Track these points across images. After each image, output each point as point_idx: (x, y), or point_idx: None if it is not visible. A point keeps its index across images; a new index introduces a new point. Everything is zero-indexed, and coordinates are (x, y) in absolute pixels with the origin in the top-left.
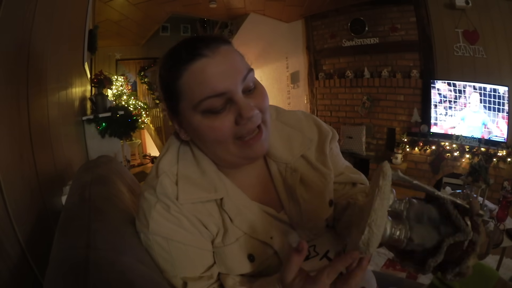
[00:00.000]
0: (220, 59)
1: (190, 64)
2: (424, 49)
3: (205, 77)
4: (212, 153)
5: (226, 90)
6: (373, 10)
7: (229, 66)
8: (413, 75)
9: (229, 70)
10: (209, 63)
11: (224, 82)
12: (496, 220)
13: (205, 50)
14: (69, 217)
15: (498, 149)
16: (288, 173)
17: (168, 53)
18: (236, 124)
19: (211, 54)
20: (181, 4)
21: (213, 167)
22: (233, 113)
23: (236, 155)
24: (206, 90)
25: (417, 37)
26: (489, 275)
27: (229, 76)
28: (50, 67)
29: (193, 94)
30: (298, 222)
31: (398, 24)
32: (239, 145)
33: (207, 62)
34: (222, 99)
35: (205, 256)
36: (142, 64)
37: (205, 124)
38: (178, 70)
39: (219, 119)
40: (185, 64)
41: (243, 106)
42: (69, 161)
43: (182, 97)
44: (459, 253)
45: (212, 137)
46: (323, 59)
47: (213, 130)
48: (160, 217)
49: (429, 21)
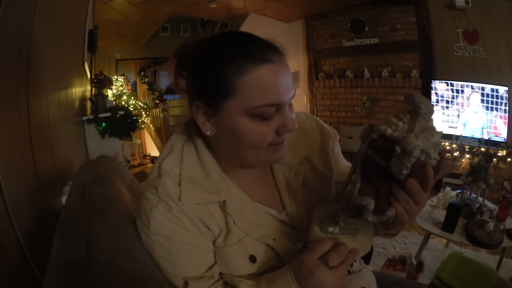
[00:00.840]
0: (283, 70)
1: (259, 65)
2: (424, 49)
3: (271, 85)
4: (235, 155)
5: (283, 102)
6: (373, 10)
7: (288, 79)
8: (413, 75)
9: (288, 83)
10: (276, 71)
11: (286, 93)
12: (496, 220)
13: (273, 56)
14: (69, 217)
15: (498, 149)
16: (292, 175)
17: (225, 39)
18: (277, 133)
19: (278, 62)
20: (181, 4)
21: (216, 168)
22: (277, 122)
23: (262, 159)
24: (269, 98)
25: (417, 37)
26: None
27: (288, 89)
28: (50, 67)
29: (252, 97)
30: (299, 223)
31: (398, 24)
32: (269, 151)
33: (275, 69)
34: (274, 109)
35: (206, 256)
36: (142, 64)
37: (250, 128)
38: (241, 67)
39: (265, 125)
40: (253, 63)
41: (289, 119)
42: (69, 161)
43: (236, 95)
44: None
45: (252, 141)
46: (323, 59)
47: (256, 135)
48: (162, 217)
49: (429, 21)
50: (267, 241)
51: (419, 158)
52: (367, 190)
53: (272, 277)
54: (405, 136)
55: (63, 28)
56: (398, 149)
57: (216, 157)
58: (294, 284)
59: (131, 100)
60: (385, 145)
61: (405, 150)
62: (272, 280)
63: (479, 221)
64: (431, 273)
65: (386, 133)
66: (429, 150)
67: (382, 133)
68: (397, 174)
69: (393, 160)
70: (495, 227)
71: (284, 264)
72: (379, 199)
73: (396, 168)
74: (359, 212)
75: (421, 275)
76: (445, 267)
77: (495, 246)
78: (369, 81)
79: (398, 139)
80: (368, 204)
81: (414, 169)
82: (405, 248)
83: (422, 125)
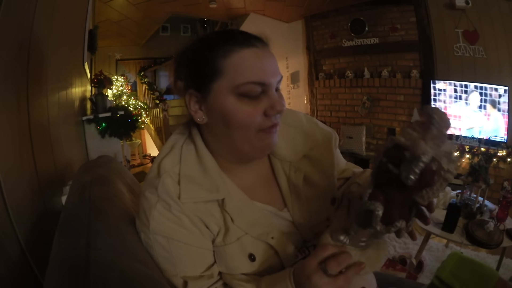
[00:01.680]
0: (268, 55)
1: (243, 48)
2: (424, 49)
3: (255, 64)
4: (228, 142)
5: (268, 82)
6: (373, 10)
7: (273, 64)
8: (413, 75)
9: (273, 67)
10: (260, 54)
11: (270, 75)
12: (496, 220)
13: (258, 43)
14: (69, 217)
15: (498, 149)
16: (292, 171)
17: (215, 33)
18: (265, 115)
19: (262, 48)
20: (181, 4)
21: (215, 167)
22: (264, 104)
23: (254, 145)
24: (253, 76)
25: (417, 37)
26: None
27: (272, 72)
28: (50, 67)
29: (237, 76)
30: (301, 220)
31: (398, 24)
32: (260, 136)
33: (258, 52)
34: (260, 89)
35: (206, 255)
36: (142, 64)
37: (237, 107)
38: (227, 49)
39: (252, 105)
40: (237, 46)
41: (276, 100)
42: (69, 161)
43: (223, 76)
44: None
45: (240, 121)
46: (323, 59)
47: (243, 114)
48: (161, 216)
49: (429, 21)
50: (266, 239)
51: (429, 165)
52: (377, 196)
53: (271, 281)
54: (415, 142)
55: (63, 28)
56: (408, 154)
57: (215, 156)
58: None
59: (131, 100)
60: (398, 153)
61: (413, 155)
62: (272, 284)
63: (479, 221)
64: (431, 273)
65: (400, 142)
66: (439, 158)
67: (396, 142)
68: (405, 179)
69: (402, 165)
70: (495, 227)
71: (283, 263)
72: (389, 208)
73: (404, 174)
74: (368, 220)
75: (421, 275)
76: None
77: (495, 246)
78: (369, 81)
79: (409, 146)
80: (376, 209)
81: (423, 177)
82: (405, 248)
83: (434, 134)
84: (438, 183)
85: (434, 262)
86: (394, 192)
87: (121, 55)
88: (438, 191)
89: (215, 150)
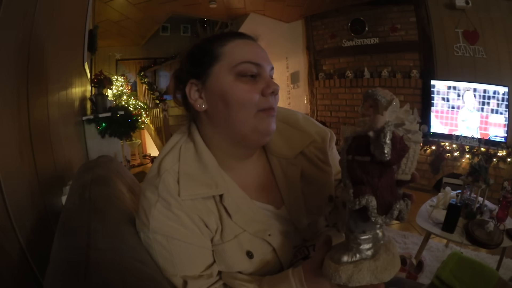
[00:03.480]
0: (258, 45)
1: (237, 38)
2: (424, 49)
3: (249, 48)
4: (228, 127)
5: (262, 63)
6: (373, 10)
7: (264, 52)
8: (413, 75)
9: (264, 54)
10: (250, 43)
11: (263, 59)
12: (496, 220)
13: (247, 37)
14: (69, 217)
15: (498, 149)
16: (289, 167)
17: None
18: (262, 95)
19: (254, 39)
20: (181, 4)
21: (214, 163)
22: (260, 85)
23: (252, 126)
24: (248, 55)
25: (417, 37)
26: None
27: (264, 58)
28: (50, 67)
29: (233, 56)
30: (298, 218)
31: (398, 24)
32: (259, 117)
33: (249, 42)
34: (255, 69)
35: (205, 255)
36: (142, 64)
37: (236, 85)
38: (223, 40)
39: (250, 84)
40: (232, 37)
41: (270, 81)
42: (69, 161)
43: (221, 59)
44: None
45: (239, 98)
46: (323, 59)
47: (242, 91)
48: (161, 215)
49: (429, 21)
50: (263, 236)
51: (395, 133)
52: (363, 190)
53: (273, 282)
54: (374, 119)
55: (63, 28)
56: (372, 133)
57: (215, 152)
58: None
59: (131, 100)
60: (361, 141)
61: (377, 131)
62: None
63: (479, 221)
64: (431, 273)
65: (358, 132)
66: (400, 120)
67: (354, 135)
68: (382, 157)
69: (371, 147)
70: (495, 227)
71: (280, 260)
72: (380, 195)
73: (378, 152)
74: (365, 219)
75: (421, 275)
76: (445, 267)
77: (495, 246)
78: (369, 81)
79: (369, 127)
80: (368, 201)
81: (395, 147)
82: (405, 248)
83: (384, 105)
84: (411, 148)
85: (434, 262)
86: (376, 178)
87: (121, 55)
88: (414, 157)
89: (215, 144)
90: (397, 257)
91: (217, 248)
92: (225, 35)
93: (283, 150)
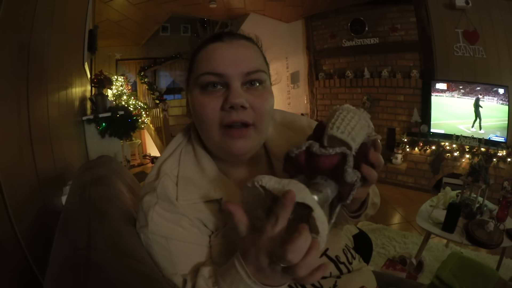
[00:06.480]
0: (232, 46)
1: (210, 44)
2: (424, 49)
3: (212, 56)
4: (205, 140)
5: (223, 73)
6: (373, 10)
7: (237, 55)
8: (413, 75)
9: (235, 57)
10: (221, 46)
11: (226, 66)
12: (496, 220)
13: (225, 37)
14: (69, 217)
15: (498, 149)
16: None
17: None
18: (221, 109)
19: (227, 41)
20: (181, 4)
21: (213, 168)
22: (222, 97)
23: (217, 143)
24: (208, 66)
25: (417, 37)
26: (489, 275)
27: (232, 63)
28: (50, 67)
29: (198, 68)
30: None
31: (398, 24)
32: (222, 133)
33: (220, 45)
34: (218, 80)
35: (205, 253)
36: (142, 64)
37: (198, 99)
38: (199, 47)
39: (210, 97)
40: (207, 43)
41: (232, 92)
42: (69, 161)
43: (192, 69)
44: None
45: (198, 113)
46: (323, 59)
47: (201, 106)
48: (159, 217)
49: (429, 21)
50: None
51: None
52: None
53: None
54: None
55: (63, 28)
56: (325, 120)
57: (213, 156)
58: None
59: (131, 100)
60: (317, 133)
61: (329, 118)
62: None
63: (479, 221)
64: (431, 273)
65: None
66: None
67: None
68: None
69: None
70: (495, 227)
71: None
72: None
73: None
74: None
75: (421, 275)
76: (445, 267)
77: (495, 246)
78: (369, 81)
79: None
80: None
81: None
82: (405, 248)
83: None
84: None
85: (434, 262)
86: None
87: (121, 55)
88: (353, 121)
89: (209, 150)
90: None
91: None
92: (205, 40)
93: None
